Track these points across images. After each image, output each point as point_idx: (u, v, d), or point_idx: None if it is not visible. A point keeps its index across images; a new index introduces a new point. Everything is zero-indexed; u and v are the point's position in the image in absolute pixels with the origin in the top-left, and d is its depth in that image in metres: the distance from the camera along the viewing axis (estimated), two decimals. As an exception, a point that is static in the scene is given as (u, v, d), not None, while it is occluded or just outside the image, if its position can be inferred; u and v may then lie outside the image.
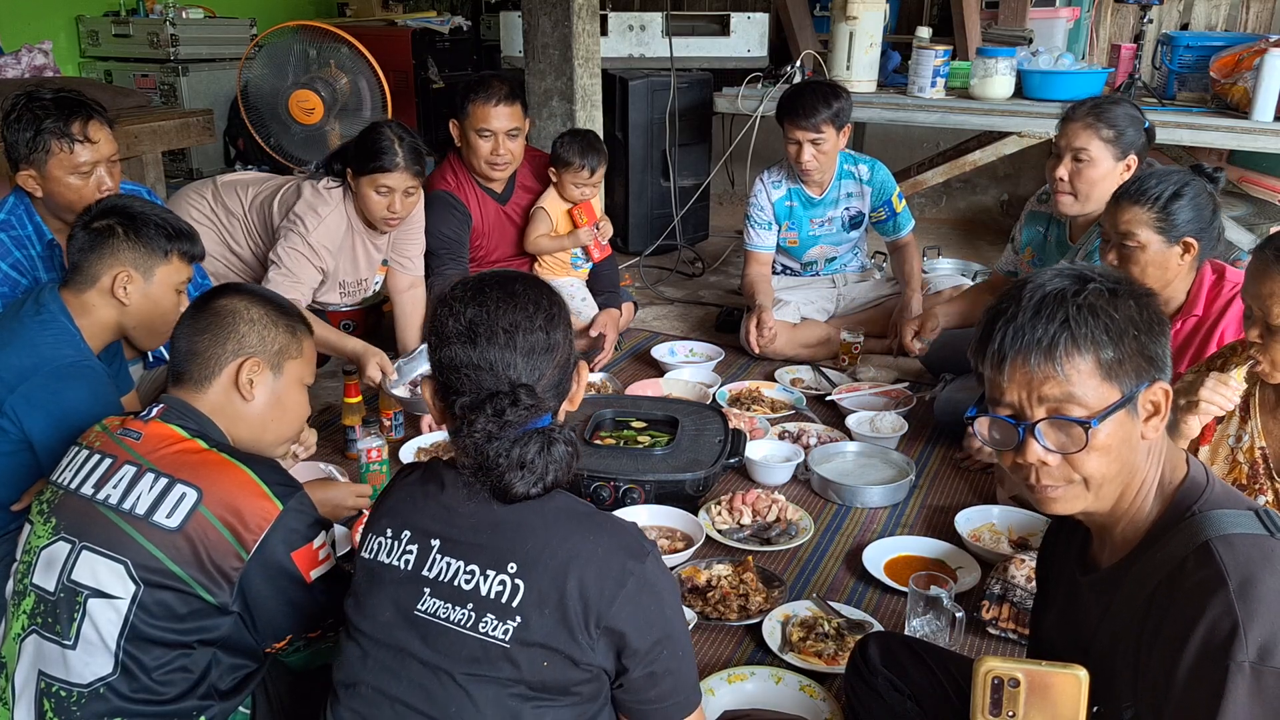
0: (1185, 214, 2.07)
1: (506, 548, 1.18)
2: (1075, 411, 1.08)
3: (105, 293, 1.91)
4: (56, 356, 1.82)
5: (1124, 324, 1.08)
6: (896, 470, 2.58)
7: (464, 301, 1.22)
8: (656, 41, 4.87)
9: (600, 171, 3.37)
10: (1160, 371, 1.12)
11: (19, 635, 1.39)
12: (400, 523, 1.25)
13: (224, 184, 2.99)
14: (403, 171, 2.72)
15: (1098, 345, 1.07)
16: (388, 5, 6.45)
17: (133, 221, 1.91)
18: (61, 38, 5.21)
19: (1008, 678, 1.04)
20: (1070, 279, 1.11)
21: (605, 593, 1.16)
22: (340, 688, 1.25)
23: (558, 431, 1.21)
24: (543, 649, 1.15)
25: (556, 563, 1.16)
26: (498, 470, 1.17)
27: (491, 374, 1.19)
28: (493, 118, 3.14)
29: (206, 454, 1.41)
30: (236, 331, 1.50)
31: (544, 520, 1.20)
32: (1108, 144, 2.56)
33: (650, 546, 1.22)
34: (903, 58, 4.66)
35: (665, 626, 1.21)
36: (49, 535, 1.39)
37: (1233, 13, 5.25)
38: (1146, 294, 1.14)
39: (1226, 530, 1.06)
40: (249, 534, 1.36)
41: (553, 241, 3.42)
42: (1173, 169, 2.21)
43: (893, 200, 3.45)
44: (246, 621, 1.41)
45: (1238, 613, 0.99)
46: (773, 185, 3.46)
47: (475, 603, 1.17)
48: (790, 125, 3.26)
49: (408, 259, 3.06)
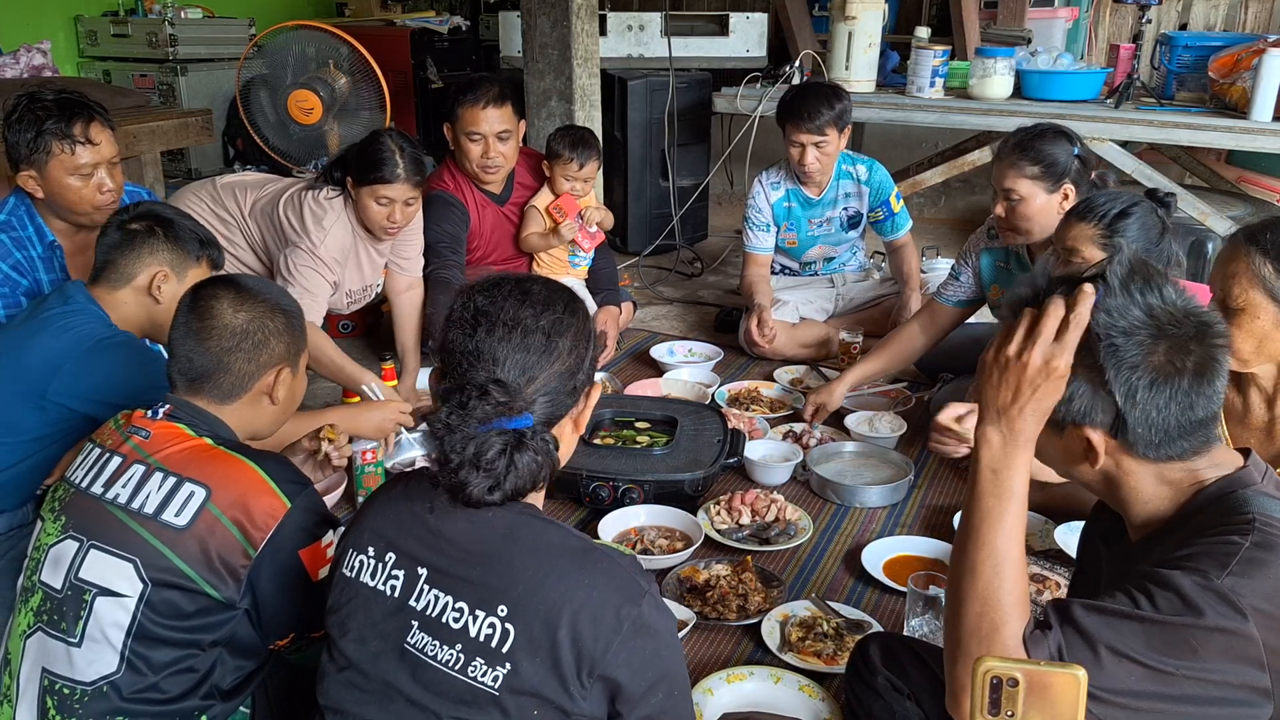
0: (1131, 233, 2.10)
1: (497, 586, 1.12)
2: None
3: (141, 290, 1.96)
4: (92, 333, 1.87)
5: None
6: (895, 470, 2.58)
7: (479, 291, 1.21)
8: (655, 41, 4.87)
9: (590, 166, 3.36)
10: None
11: (25, 632, 1.40)
12: (384, 543, 1.20)
13: (223, 185, 2.99)
14: (404, 183, 2.70)
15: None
16: (386, 5, 6.45)
17: (170, 226, 1.98)
18: (60, 38, 5.21)
19: (1006, 677, 1.04)
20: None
21: (599, 640, 1.10)
22: (328, 713, 1.22)
23: (531, 437, 1.13)
24: (533, 698, 1.11)
25: (548, 606, 1.10)
26: (450, 466, 1.10)
27: (479, 364, 1.16)
28: (481, 120, 3.13)
29: (215, 451, 1.42)
30: (267, 346, 1.52)
31: (536, 558, 1.14)
32: (1035, 180, 2.55)
33: (647, 585, 1.16)
34: (901, 58, 4.67)
35: (661, 669, 1.16)
36: (58, 533, 1.40)
37: (1231, 13, 5.25)
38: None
39: (1271, 512, 1.07)
40: (257, 531, 1.37)
41: (543, 239, 3.43)
42: (1123, 191, 2.23)
43: (890, 201, 3.45)
44: (254, 618, 1.41)
45: (1237, 557, 1.02)
46: (770, 186, 3.46)
47: (464, 644, 1.12)
48: (793, 128, 3.25)
49: (406, 260, 3.06)
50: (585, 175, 3.37)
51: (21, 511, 1.92)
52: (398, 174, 2.68)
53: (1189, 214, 3.79)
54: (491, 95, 3.12)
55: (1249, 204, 4.36)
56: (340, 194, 2.81)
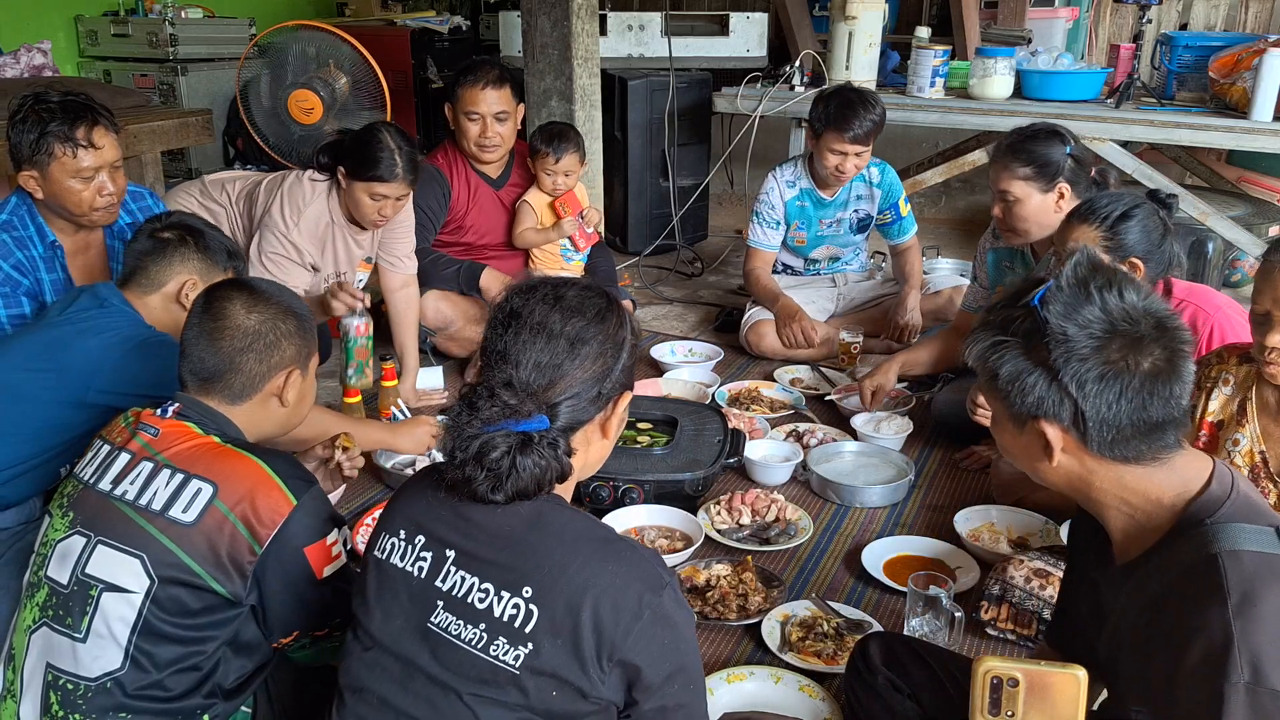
0: (1133, 235, 2.10)
1: (523, 569, 1.15)
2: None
3: (170, 297, 2.00)
4: (134, 333, 1.91)
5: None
6: (895, 470, 2.58)
7: (518, 293, 1.24)
8: (656, 41, 4.87)
9: (568, 160, 3.35)
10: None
11: (30, 628, 1.40)
12: (415, 526, 1.23)
13: (211, 181, 3.01)
14: (400, 182, 2.70)
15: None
16: (387, 5, 6.45)
17: (201, 236, 2.03)
18: (60, 37, 5.21)
19: (1007, 677, 1.04)
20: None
21: (620, 625, 1.13)
22: (346, 691, 1.24)
23: (539, 441, 1.15)
24: (552, 679, 1.13)
25: (572, 590, 1.13)
26: (456, 461, 1.15)
27: (503, 365, 1.18)
28: (480, 100, 3.19)
29: (222, 449, 1.43)
30: (279, 347, 1.54)
31: (562, 544, 1.17)
32: (1029, 181, 2.57)
33: (669, 578, 1.19)
34: (902, 57, 4.67)
35: (679, 660, 1.18)
36: (65, 529, 1.41)
37: (1232, 13, 5.25)
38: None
39: (1238, 545, 1.05)
40: (263, 528, 1.37)
41: (539, 234, 3.44)
42: (1125, 192, 2.23)
43: (899, 204, 3.45)
44: (258, 615, 1.42)
45: (1233, 630, 0.99)
46: (786, 184, 3.44)
47: (488, 624, 1.15)
48: (835, 137, 3.19)
49: (398, 258, 3.06)
50: (564, 169, 3.36)
51: (29, 506, 1.93)
52: (395, 173, 2.67)
53: (1189, 214, 3.79)
54: (491, 77, 3.18)
55: (1249, 204, 4.36)
56: (327, 180, 2.80)
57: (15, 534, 1.90)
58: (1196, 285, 2.25)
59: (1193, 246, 3.92)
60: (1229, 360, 1.80)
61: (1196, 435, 1.83)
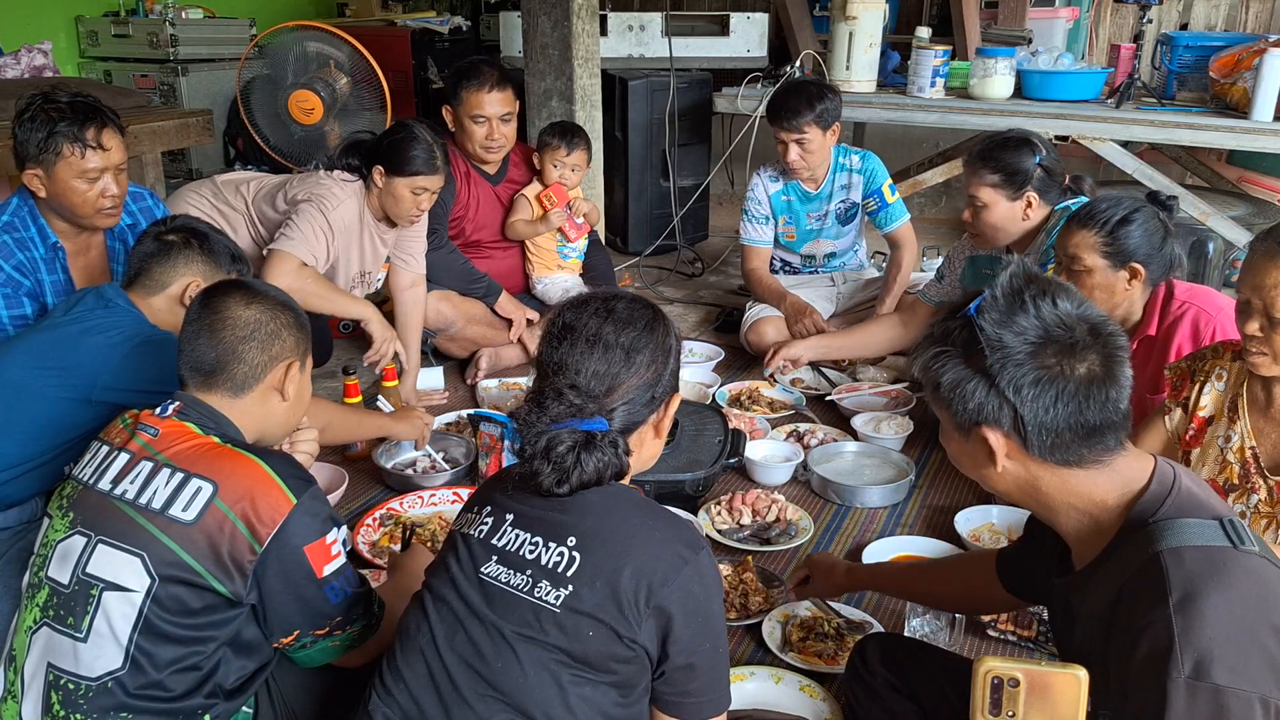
0: (1134, 239, 2.11)
1: (570, 523, 1.26)
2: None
3: (174, 299, 2.01)
4: (138, 333, 1.92)
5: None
6: (896, 470, 2.58)
7: (572, 308, 1.34)
8: (656, 41, 4.87)
9: (578, 154, 3.43)
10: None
11: (30, 628, 1.41)
12: (485, 501, 1.35)
13: (223, 182, 3.01)
14: (440, 173, 2.80)
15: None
16: (387, 5, 6.45)
17: (205, 239, 2.05)
18: (61, 38, 5.21)
19: (1007, 677, 1.04)
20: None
21: (659, 573, 1.21)
22: (400, 636, 1.33)
23: (601, 440, 1.25)
24: (590, 619, 1.21)
25: (616, 541, 1.23)
26: (525, 455, 1.25)
27: (563, 374, 1.28)
28: (486, 104, 3.23)
29: (221, 448, 1.43)
30: (279, 337, 1.55)
31: (606, 502, 1.27)
32: (996, 188, 2.63)
33: (705, 544, 1.28)
34: (902, 58, 4.67)
35: (710, 621, 1.25)
36: (66, 529, 1.41)
37: (1232, 13, 5.26)
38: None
39: (1180, 542, 1.08)
40: (263, 527, 1.37)
41: (528, 226, 3.48)
42: (1125, 195, 2.23)
43: (883, 190, 3.43)
44: (259, 615, 1.42)
45: (1174, 628, 1.01)
46: (770, 179, 3.49)
47: (534, 569, 1.24)
48: (775, 125, 3.30)
49: (410, 256, 3.07)
50: (573, 163, 3.43)
51: (31, 505, 1.93)
52: (436, 166, 2.78)
53: (1190, 214, 3.79)
54: (495, 79, 3.24)
55: (1250, 204, 4.36)
56: (357, 180, 2.85)
57: (17, 533, 1.91)
58: (1198, 287, 2.25)
59: (1193, 247, 3.92)
60: (1224, 355, 1.80)
61: (1186, 428, 1.83)
